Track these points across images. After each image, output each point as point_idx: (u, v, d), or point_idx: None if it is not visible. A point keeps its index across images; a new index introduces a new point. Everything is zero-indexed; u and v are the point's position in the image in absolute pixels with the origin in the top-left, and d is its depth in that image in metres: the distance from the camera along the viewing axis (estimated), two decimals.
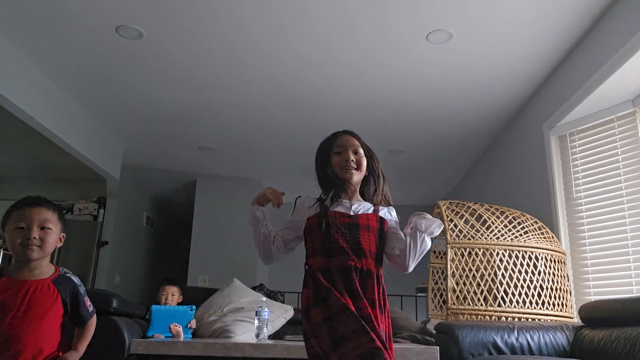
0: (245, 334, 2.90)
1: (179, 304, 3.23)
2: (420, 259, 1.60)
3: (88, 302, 1.83)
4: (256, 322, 2.61)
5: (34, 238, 1.68)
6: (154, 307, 2.93)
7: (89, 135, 4.61)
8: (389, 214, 1.70)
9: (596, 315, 2.45)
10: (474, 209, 3.24)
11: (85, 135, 4.53)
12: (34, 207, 1.75)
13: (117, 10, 2.97)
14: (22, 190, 6.69)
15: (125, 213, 6.30)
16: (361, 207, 1.67)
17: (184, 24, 3.11)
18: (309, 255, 1.62)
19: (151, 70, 3.69)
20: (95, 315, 1.87)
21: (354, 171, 1.69)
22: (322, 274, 1.53)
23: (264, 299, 2.89)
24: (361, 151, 1.73)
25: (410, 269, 1.61)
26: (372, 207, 1.68)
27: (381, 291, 1.55)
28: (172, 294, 3.23)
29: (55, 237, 1.77)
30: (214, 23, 3.09)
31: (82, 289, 1.81)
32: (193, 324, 2.98)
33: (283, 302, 3.93)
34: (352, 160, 1.69)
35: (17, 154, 5.70)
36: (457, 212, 3.20)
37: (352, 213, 1.62)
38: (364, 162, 1.72)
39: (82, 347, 1.82)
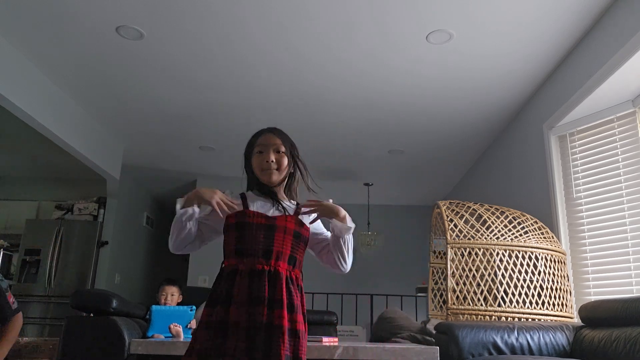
0: None
1: (178, 304, 3.23)
2: (351, 255, 1.65)
3: (11, 299, 1.75)
4: None
5: None
6: (154, 307, 2.93)
7: (89, 135, 4.61)
8: (308, 215, 1.68)
9: (596, 315, 2.45)
10: (474, 209, 3.24)
11: (85, 135, 4.53)
12: None
13: (117, 10, 2.97)
14: (22, 190, 6.73)
15: (125, 213, 6.30)
16: (281, 207, 1.65)
17: (184, 24, 3.11)
18: (225, 256, 1.61)
19: (151, 70, 3.69)
20: (20, 314, 1.78)
21: (274, 171, 1.67)
22: (229, 276, 1.53)
23: None
24: (283, 149, 1.70)
25: (348, 269, 1.66)
26: (295, 208, 1.68)
27: (292, 293, 1.52)
28: (172, 294, 3.23)
29: None
30: (214, 23, 3.09)
31: (4, 284, 1.75)
32: (193, 324, 2.98)
33: None
34: (272, 161, 1.66)
35: (17, 154, 5.71)
36: (457, 212, 3.21)
37: (270, 214, 1.60)
38: (285, 161, 1.69)
39: (5, 349, 1.74)
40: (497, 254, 2.95)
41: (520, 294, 2.89)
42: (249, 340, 1.42)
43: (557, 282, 2.98)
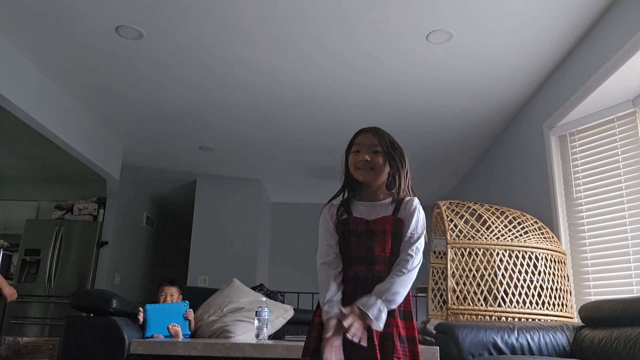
0: (245, 334, 2.90)
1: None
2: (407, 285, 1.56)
3: None
4: (256, 322, 2.61)
5: None
6: (148, 305, 2.92)
7: (89, 135, 4.60)
8: (406, 209, 1.64)
9: (596, 315, 2.45)
10: (474, 209, 3.23)
11: (85, 135, 4.53)
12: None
13: (117, 10, 2.97)
14: (22, 190, 6.73)
15: (125, 213, 6.30)
16: (381, 208, 1.63)
17: (184, 24, 3.11)
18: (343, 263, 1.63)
19: (151, 70, 3.69)
20: None
21: (369, 171, 1.65)
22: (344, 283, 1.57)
23: (264, 299, 2.89)
24: (380, 149, 1.67)
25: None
26: (393, 207, 1.63)
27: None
28: (172, 295, 3.22)
29: None
30: (214, 23, 3.09)
31: None
32: (190, 314, 2.97)
33: (283, 302, 3.93)
34: (367, 161, 1.65)
35: (17, 154, 5.71)
36: (457, 212, 3.20)
37: (369, 218, 1.61)
38: (381, 160, 1.66)
39: None
40: (497, 254, 2.95)
41: (520, 294, 2.89)
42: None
43: (557, 282, 2.98)
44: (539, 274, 2.95)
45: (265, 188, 6.79)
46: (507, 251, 2.97)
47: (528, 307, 2.88)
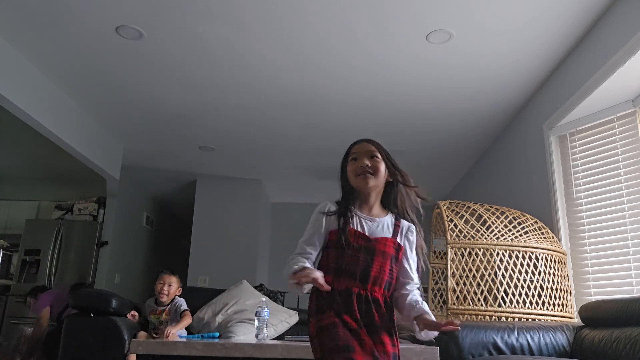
0: (246, 335, 2.90)
1: (176, 297, 3.13)
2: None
3: None
4: (256, 322, 2.61)
5: None
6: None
7: (89, 135, 4.60)
8: (406, 236, 1.63)
9: (596, 315, 2.45)
10: (474, 209, 3.23)
11: (85, 135, 4.53)
12: None
13: (117, 10, 2.97)
14: (22, 190, 6.72)
15: (125, 213, 6.30)
16: (380, 226, 1.59)
17: (184, 24, 3.11)
18: (321, 269, 1.55)
19: (151, 70, 3.69)
20: None
21: (370, 176, 1.59)
22: (328, 292, 1.50)
23: (264, 299, 2.89)
24: (379, 155, 1.63)
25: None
26: (392, 228, 1.60)
27: (389, 317, 1.52)
28: (170, 284, 3.09)
29: None
30: (214, 23, 3.09)
31: None
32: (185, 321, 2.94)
33: (283, 303, 3.93)
34: (367, 165, 1.59)
35: (17, 154, 5.71)
36: (457, 212, 3.20)
37: (370, 234, 1.56)
38: (382, 166, 1.61)
39: None
40: (497, 254, 2.95)
41: (520, 294, 2.89)
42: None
43: (557, 282, 2.98)
44: (539, 274, 2.95)
45: (265, 188, 6.79)
46: (507, 251, 2.96)
47: (528, 307, 2.88)
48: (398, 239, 1.60)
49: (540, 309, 2.89)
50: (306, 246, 1.59)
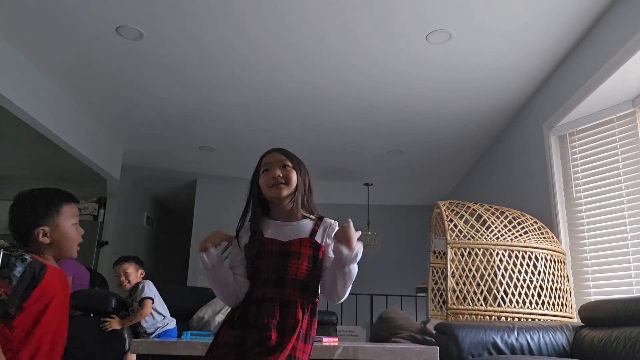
0: None
1: (141, 282, 3.08)
2: (349, 287, 1.52)
3: None
4: None
5: None
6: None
7: (89, 135, 4.61)
8: (327, 234, 1.59)
9: (596, 315, 2.45)
10: (473, 209, 3.24)
11: (85, 135, 4.53)
12: None
13: (117, 10, 2.97)
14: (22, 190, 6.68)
15: (125, 213, 6.30)
16: (296, 229, 1.58)
17: (184, 24, 3.11)
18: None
19: (151, 70, 3.69)
20: None
21: (283, 186, 1.59)
22: (245, 302, 1.52)
23: None
24: (289, 164, 1.64)
25: (341, 301, 1.56)
26: (311, 228, 1.59)
27: (306, 321, 1.48)
28: (126, 271, 3.07)
29: None
30: (214, 23, 3.09)
31: None
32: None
33: None
34: (279, 176, 1.60)
35: (17, 154, 5.71)
36: (457, 212, 3.20)
37: (283, 239, 1.55)
38: (294, 175, 1.62)
39: None
40: (497, 254, 2.95)
41: (520, 294, 2.89)
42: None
43: (557, 282, 2.98)
44: (539, 274, 2.95)
45: None
46: (507, 251, 2.97)
47: (528, 307, 2.88)
48: (317, 238, 1.57)
49: (540, 308, 2.89)
50: (234, 265, 1.62)
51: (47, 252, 1.62)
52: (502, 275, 2.91)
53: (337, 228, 1.60)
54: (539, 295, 2.91)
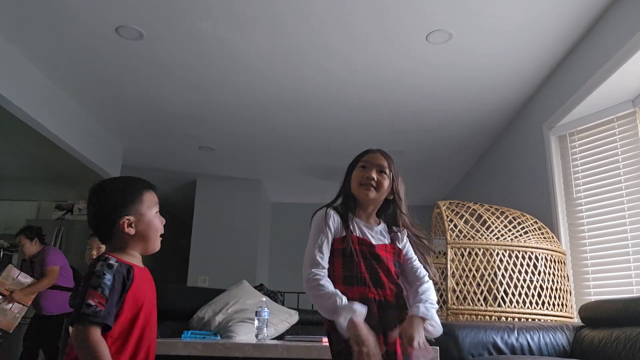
0: (247, 334, 2.90)
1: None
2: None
3: None
4: (256, 322, 2.62)
5: None
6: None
7: (88, 135, 4.60)
8: (401, 240, 1.66)
9: (596, 315, 2.45)
10: (474, 209, 3.24)
11: (85, 135, 4.53)
12: None
13: (117, 10, 2.97)
14: (22, 190, 6.71)
15: None
16: (377, 233, 1.62)
17: (184, 24, 3.11)
18: (332, 280, 1.55)
19: (151, 70, 3.69)
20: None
21: (372, 190, 1.60)
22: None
23: (264, 298, 2.89)
24: (387, 172, 1.63)
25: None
26: (388, 235, 1.64)
27: (403, 317, 1.52)
28: (100, 247, 2.82)
29: None
30: (213, 23, 3.09)
31: None
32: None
33: (283, 303, 3.93)
34: (373, 179, 1.60)
35: (17, 154, 5.71)
36: (457, 212, 3.20)
37: (373, 241, 1.59)
38: (386, 183, 1.62)
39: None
40: (497, 254, 2.95)
41: (520, 294, 2.89)
42: None
43: (557, 282, 2.98)
44: (539, 274, 2.95)
45: (265, 188, 6.79)
46: (507, 251, 2.97)
47: (528, 307, 2.88)
48: (397, 244, 1.63)
49: (540, 309, 2.89)
50: (320, 259, 1.54)
51: (132, 246, 1.47)
52: (502, 275, 2.91)
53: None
54: (539, 296, 2.91)
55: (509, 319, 2.83)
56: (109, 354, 1.25)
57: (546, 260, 3.00)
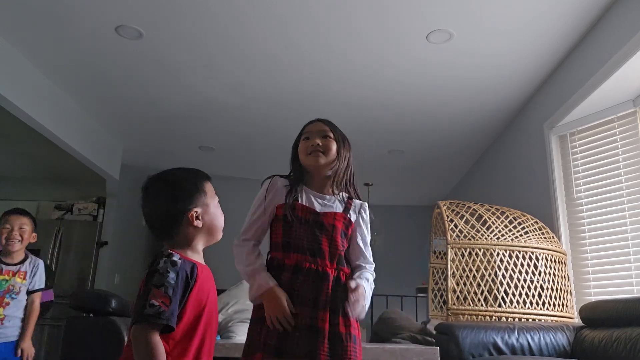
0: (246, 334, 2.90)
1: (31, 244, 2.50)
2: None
3: None
4: None
5: None
6: None
7: (88, 135, 4.60)
8: (359, 214, 1.61)
9: (597, 315, 2.45)
10: (474, 209, 3.23)
11: (84, 135, 4.53)
12: None
13: (117, 10, 2.97)
14: (22, 190, 6.71)
15: (125, 213, 6.28)
16: (330, 202, 1.58)
17: (184, 24, 3.11)
18: (271, 248, 1.57)
19: (151, 70, 3.68)
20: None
21: (320, 154, 1.58)
22: (277, 269, 1.50)
23: None
24: (331, 135, 1.62)
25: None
26: (344, 204, 1.59)
27: (342, 295, 1.47)
28: (22, 227, 2.35)
29: None
30: (214, 23, 3.09)
31: None
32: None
33: None
34: (318, 144, 1.58)
35: (17, 154, 5.70)
36: (457, 212, 3.20)
37: (318, 209, 1.54)
38: (334, 146, 1.60)
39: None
40: (498, 254, 2.95)
41: (520, 295, 2.89)
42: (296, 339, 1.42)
43: (558, 282, 2.98)
44: (539, 274, 2.94)
45: None
46: (508, 251, 2.96)
47: (528, 308, 2.87)
48: (349, 215, 1.58)
49: (541, 309, 2.89)
50: (253, 228, 1.61)
51: (197, 240, 1.39)
52: (503, 275, 2.90)
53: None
54: (540, 296, 2.91)
55: (510, 319, 2.83)
56: (165, 358, 1.17)
57: (546, 260, 3.00)
